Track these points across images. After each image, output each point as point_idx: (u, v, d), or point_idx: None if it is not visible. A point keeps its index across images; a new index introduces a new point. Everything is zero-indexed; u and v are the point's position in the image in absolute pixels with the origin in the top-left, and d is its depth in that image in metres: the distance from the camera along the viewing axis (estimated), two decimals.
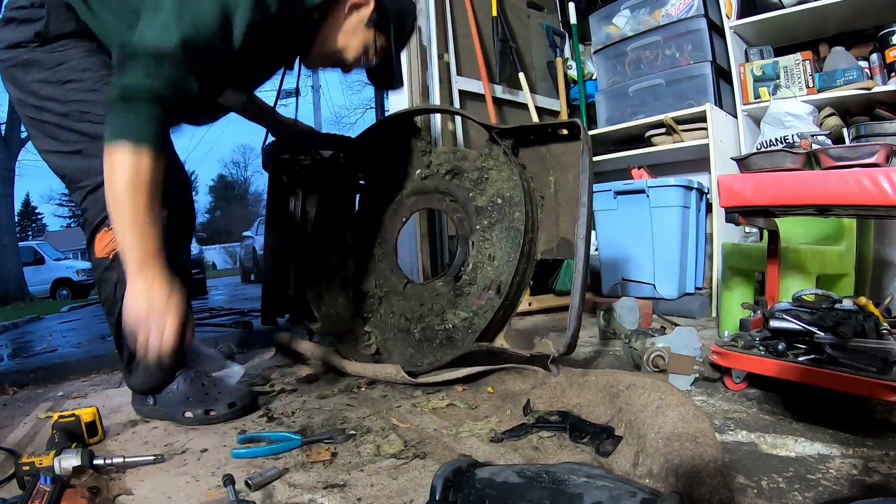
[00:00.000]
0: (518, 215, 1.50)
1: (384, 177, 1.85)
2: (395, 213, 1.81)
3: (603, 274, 2.62)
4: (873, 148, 1.05)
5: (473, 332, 1.49)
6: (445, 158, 1.73)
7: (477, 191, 1.62)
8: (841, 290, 1.66)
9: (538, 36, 3.25)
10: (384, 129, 1.77)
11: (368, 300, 1.78)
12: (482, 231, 1.58)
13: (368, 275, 1.82)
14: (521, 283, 1.51)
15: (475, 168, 1.64)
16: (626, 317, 1.89)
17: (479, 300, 1.54)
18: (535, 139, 1.52)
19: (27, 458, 0.90)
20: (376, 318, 1.75)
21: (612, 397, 1.08)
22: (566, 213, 1.49)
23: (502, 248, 1.54)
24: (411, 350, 1.63)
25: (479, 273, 1.57)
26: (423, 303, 1.64)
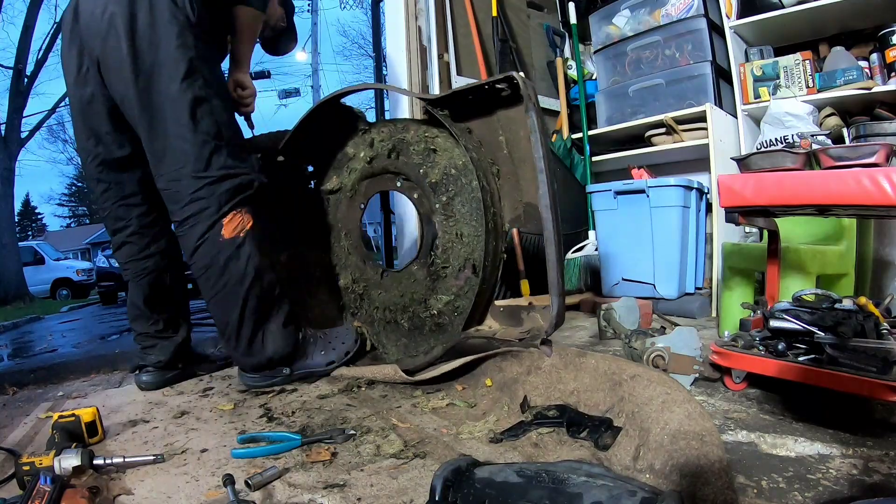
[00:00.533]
0: (476, 184, 1.43)
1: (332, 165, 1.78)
2: (352, 201, 1.74)
3: (603, 274, 2.62)
4: (873, 148, 1.04)
5: (460, 315, 1.46)
6: (387, 133, 1.64)
7: (427, 165, 1.54)
8: (841, 290, 1.66)
9: (538, 36, 3.25)
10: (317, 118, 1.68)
11: (350, 295, 1.75)
12: (443, 208, 1.50)
13: (343, 269, 1.77)
14: (495, 259, 1.47)
15: (419, 139, 1.55)
16: (626, 317, 1.89)
17: (457, 281, 1.50)
18: (480, 106, 1.45)
19: (27, 458, 0.90)
20: (363, 314, 1.72)
21: (613, 384, 1.07)
22: (525, 175, 1.43)
23: (468, 223, 1.47)
24: (404, 340, 1.61)
25: (450, 254, 1.51)
26: (403, 293, 1.59)
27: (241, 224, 1.37)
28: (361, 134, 1.69)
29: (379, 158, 1.65)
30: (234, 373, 1.74)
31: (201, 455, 1.05)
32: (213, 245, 1.37)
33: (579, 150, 3.02)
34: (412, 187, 1.58)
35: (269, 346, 1.41)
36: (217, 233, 1.37)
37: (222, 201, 1.37)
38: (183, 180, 1.36)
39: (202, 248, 1.38)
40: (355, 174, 1.71)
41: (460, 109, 1.47)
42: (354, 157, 1.71)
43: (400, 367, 1.40)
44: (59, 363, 2.03)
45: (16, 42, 10.49)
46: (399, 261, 2.85)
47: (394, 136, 1.62)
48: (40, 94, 26.53)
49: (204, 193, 1.36)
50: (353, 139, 1.71)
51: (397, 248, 2.96)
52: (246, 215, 1.39)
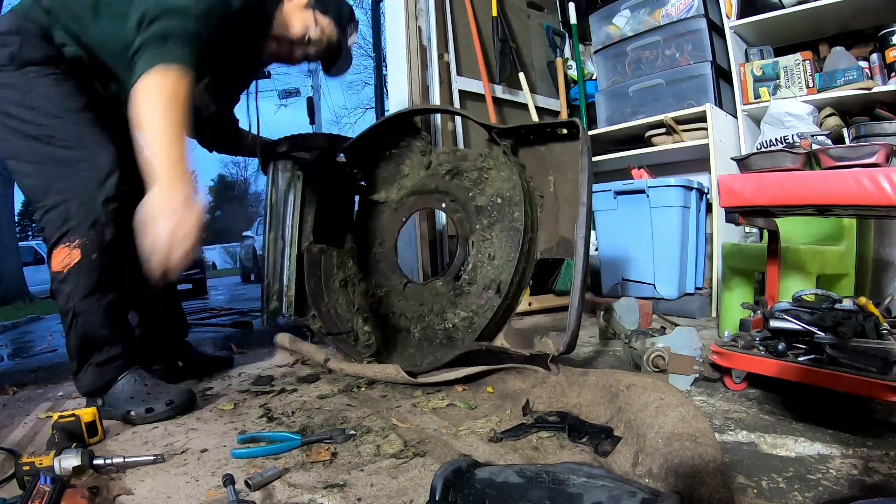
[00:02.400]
0: (518, 215, 1.50)
1: (384, 177, 1.85)
2: (395, 213, 1.81)
3: (603, 274, 2.62)
4: (873, 148, 1.04)
5: (473, 332, 1.49)
6: (445, 158, 1.73)
7: (476, 190, 1.62)
8: (841, 290, 1.66)
9: (538, 36, 3.25)
10: (383, 129, 1.77)
11: (368, 300, 1.78)
12: (482, 231, 1.58)
13: (368, 275, 1.82)
14: (521, 283, 1.51)
15: (475, 168, 1.64)
16: (626, 317, 1.89)
17: (479, 300, 1.54)
18: (534, 139, 1.52)
19: (27, 458, 0.90)
20: (376, 318, 1.75)
21: (611, 397, 1.08)
22: (565, 213, 1.49)
23: (502, 248, 1.54)
24: (411, 350, 1.63)
25: (478, 273, 1.57)
26: (423, 302, 1.64)
27: (66, 258, 1.27)
28: (421, 155, 1.77)
29: (432, 178, 1.73)
30: (234, 373, 1.75)
31: (201, 455, 1.05)
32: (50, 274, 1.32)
33: None
34: (456, 209, 1.66)
35: (82, 380, 1.35)
36: (49, 264, 1.31)
37: (52, 230, 1.28)
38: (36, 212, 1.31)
39: None
40: (405, 190, 1.79)
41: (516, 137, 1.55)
42: (409, 176, 1.79)
43: (402, 369, 1.40)
44: (59, 363, 2.03)
45: None
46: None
47: (452, 161, 1.70)
48: None
49: (43, 222, 1.29)
50: (410, 157, 1.79)
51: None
52: (73, 249, 1.26)
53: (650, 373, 1.30)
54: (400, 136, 1.78)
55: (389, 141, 1.79)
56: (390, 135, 1.78)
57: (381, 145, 1.80)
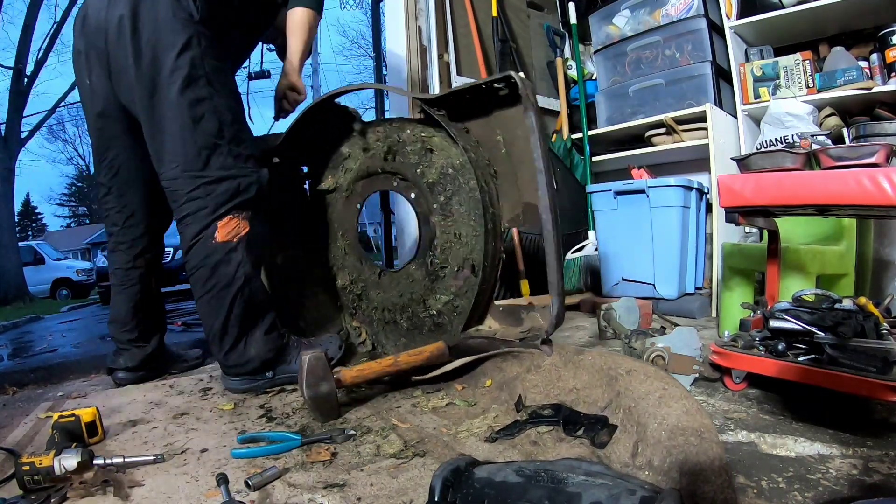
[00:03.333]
0: (473, 183, 1.42)
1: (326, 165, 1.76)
2: (348, 201, 1.73)
3: (603, 274, 2.62)
4: (873, 148, 1.04)
5: (460, 315, 1.46)
6: (382, 133, 1.63)
7: (424, 164, 1.53)
8: (841, 290, 1.66)
9: (538, 36, 3.25)
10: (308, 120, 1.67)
11: (348, 296, 1.74)
12: (440, 207, 1.50)
13: (341, 269, 1.76)
14: (495, 260, 1.46)
15: (415, 139, 1.55)
16: (626, 317, 1.88)
17: (456, 281, 1.49)
18: (478, 107, 1.43)
19: (27, 458, 0.90)
20: (360, 314, 1.72)
21: (609, 380, 1.07)
22: (523, 175, 1.42)
23: (467, 224, 1.47)
24: (404, 340, 1.61)
25: (449, 254, 1.50)
26: (402, 293, 1.59)
27: (235, 229, 1.36)
28: (356, 134, 1.67)
29: (374, 158, 1.64)
30: None
31: (201, 455, 1.05)
32: (204, 247, 1.37)
33: (579, 151, 3.02)
34: (409, 187, 1.57)
35: (252, 350, 1.40)
36: (210, 235, 1.36)
37: (218, 203, 1.36)
38: (180, 179, 1.36)
39: (195, 248, 1.38)
40: (351, 174, 1.70)
41: (458, 109, 1.47)
42: (350, 157, 1.71)
43: None
44: (59, 363, 2.03)
45: (16, 42, 10.49)
46: (399, 261, 2.86)
47: (389, 135, 1.61)
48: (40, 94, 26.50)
49: (200, 193, 1.36)
50: (348, 139, 1.70)
51: (398, 248, 2.96)
52: (242, 221, 1.38)
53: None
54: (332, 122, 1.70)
55: (323, 129, 1.71)
56: (321, 123, 1.69)
57: (315, 135, 1.71)
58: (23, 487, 0.89)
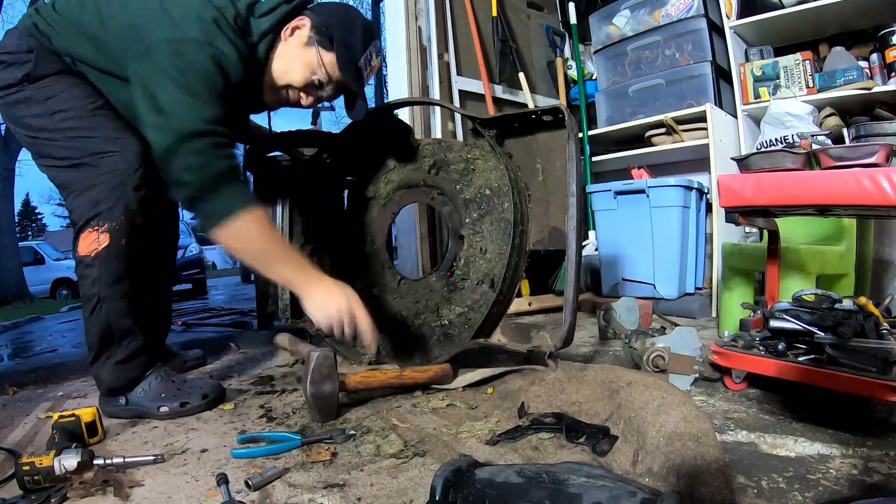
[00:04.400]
0: (507, 206, 1.48)
1: (371, 173, 1.80)
2: (384, 208, 1.76)
3: (603, 274, 2.62)
4: (873, 148, 1.05)
5: (470, 328, 1.48)
6: (430, 151, 1.69)
7: (464, 182, 1.59)
8: (841, 290, 1.66)
9: (538, 36, 3.25)
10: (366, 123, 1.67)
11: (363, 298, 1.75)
12: (472, 224, 1.55)
13: (362, 273, 1.78)
14: (515, 277, 1.49)
15: (461, 159, 1.60)
16: (626, 317, 1.89)
17: (473, 295, 1.52)
18: (520, 128, 1.49)
19: (27, 458, 0.90)
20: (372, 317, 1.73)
21: (611, 393, 1.08)
22: (556, 202, 1.47)
23: (493, 241, 1.51)
24: (410, 347, 1.62)
25: (471, 267, 1.55)
26: (418, 300, 1.62)
27: (94, 242, 1.25)
28: (405, 149, 1.73)
29: (418, 171, 1.70)
30: (234, 373, 1.75)
31: (201, 455, 1.05)
32: (75, 259, 1.30)
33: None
34: (445, 202, 1.64)
35: (103, 373, 1.32)
36: (75, 248, 1.28)
37: (80, 214, 1.27)
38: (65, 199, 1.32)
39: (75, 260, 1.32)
40: (392, 185, 1.75)
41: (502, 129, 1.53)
42: (394, 169, 1.76)
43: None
44: (59, 363, 2.03)
45: None
46: (399, 264, 2.86)
47: (436, 153, 1.67)
48: None
49: (72, 206, 1.29)
50: (396, 151, 1.76)
51: (397, 250, 2.96)
52: (103, 233, 1.25)
53: (650, 373, 1.30)
54: (383, 130, 1.73)
55: (373, 136, 1.74)
56: (373, 130, 1.72)
57: (365, 141, 1.74)
58: (23, 487, 0.89)
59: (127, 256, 1.28)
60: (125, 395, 1.32)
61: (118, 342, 1.31)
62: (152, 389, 1.32)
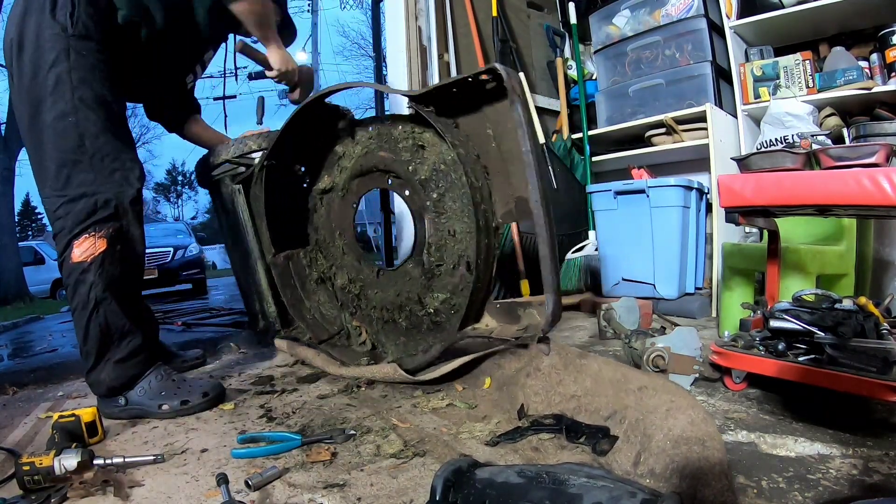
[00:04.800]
0: (465, 180, 1.41)
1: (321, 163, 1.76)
2: (344, 199, 1.72)
3: (603, 274, 2.62)
4: (873, 148, 1.05)
5: (457, 313, 1.45)
6: (374, 131, 1.63)
7: (416, 161, 1.51)
8: (841, 290, 1.66)
9: (538, 36, 3.25)
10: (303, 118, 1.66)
11: (347, 295, 1.74)
12: (434, 205, 1.48)
13: (339, 269, 1.76)
14: (489, 257, 1.44)
15: (407, 135, 1.54)
16: (626, 317, 1.89)
17: (452, 279, 1.48)
18: (468, 103, 1.42)
19: (27, 458, 0.90)
20: (360, 314, 1.72)
21: (617, 392, 1.06)
22: (516, 170, 1.40)
23: (461, 220, 1.45)
24: (403, 338, 1.61)
25: (444, 251, 1.49)
26: (400, 292, 1.58)
27: (90, 248, 1.29)
28: (348, 132, 1.67)
29: (368, 156, 1.63)
30: (234, 373, 1.75)
31: (201, 455, 1.05)
32: (66, 267, 1.32)
33: (579, 151, 3.02)
34: (402, 184, 1.56)
35: (103, 374, 1.34)
36: (68, 255, 1.31)
37: (76, 221, 1.30)
38: (48, 199, 1.32)
39: (62, 268, 1.34)
40: (346, 173, 1.70)
41: (448, 106, 1.45)
42: (344, 156, 1.70)
43: (399, 367, 1.40)
44: (59, 363, 2.03)
45: None
46: (399, 260, 2.86)
47: (381, 133, 1.61)
48: None
49: (62, 212, 1.30)
50: (342, 138, 1.70)
51: (398, 248, 2.96)
52: (99, 239, 1.30)
53: (657, 374, 1.30)
54: (326, 120, 1.69)
55: (318, 128, 1.70)
56: (315, 122, 1.68)
57: (310, 135, 1.71)
58: (23, 487, 0.89)
59: (122, 261, 1.33)
60: (124, 394, 1.33)
61: (118, 343, 1.33)
62: (152, 388, 1.34)
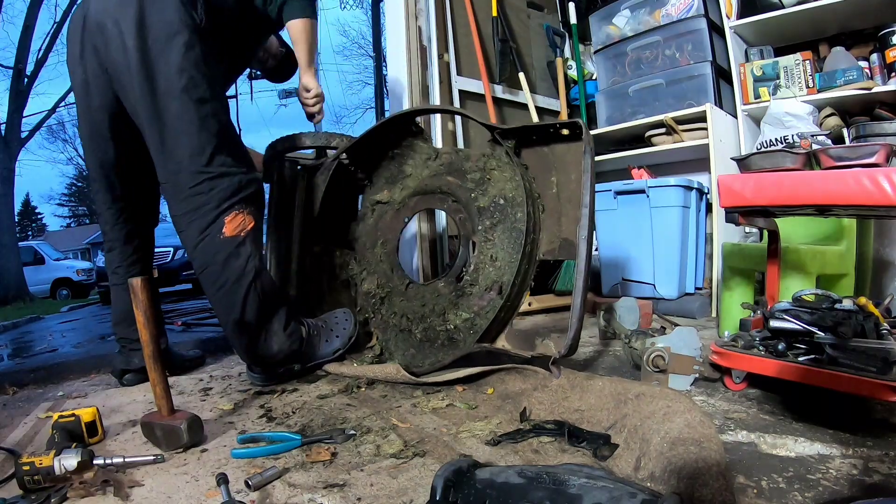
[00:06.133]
0: (520, 216, 1.50)
1: (386, 177, 1.85)
2: (398, 213, 1.80)
3: (603, 274, 2.62)
4: (873, 148, 1.04)
5: (475, 333, 1.49)
6: (448, 159, 1.73)
7: (479, 191, 1.62)
8: (841, 290, 1.66)
9: (538, 36, 3.25)
10: (385, 129, 1.77)
11: (370, 300, 1.78)
12: (484, 232, 1.57)
13: (370, 274, 1.81)
14: (523, 284, 1.50)
15: (477, 168, 1.63)
16: (626, 317, 1.89)
17: (480, 301, 1.54)
18: (537, 139, 1.52)
19: (27, 458, 0.90)
20: (377, 319, 1.74)
21: (617, 403, 1.07)
22: (568, 214, 1.49)
23: (504, 249, 1.53)
24: (413, 350, 1.63)
25: (480, 274, 1.56)
26: (425, 303, 1.64)
27: (242, 223, 1.39)
28: (424, 155, 1.77)
29: (435, 178, 1.72)
30: (233, 373, 1.75)
31: (201, 455, 1.05)
32: (213, 243, 1.38)
33: None
34: (458, 209, 1.65)
35: (275, 345, 1.43)
36: (218, 230, 1.37)
37: (223, 197, 1.38)
38: (183, 173, 1.37)
39: (202, 245, 1.38)
40: (408, 191, 1.78)
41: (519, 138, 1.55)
42: (412, 176, 1.79)
43: (403, 368, 1.40)
44: (59, 363, 2.03)
45: (16, 42, 10.46)
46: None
47: (455, 162, 1.70)
48: (40, 94, 26.49)
49: (203, 188, 1.37)
50: (413, 157, 1.79)
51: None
52: (248, 216, 1.41)
53: (651, 373, 1.30)
54: (402, 136, 1.78)
55: (392, 141, 1.79)
56: (392, 135, 1.78)
57: (383, 145, 1.80)
58: (23, 487, 0.89)
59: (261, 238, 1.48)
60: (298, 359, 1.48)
61: (277, 309, 1.46)
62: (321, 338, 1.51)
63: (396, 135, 1.78)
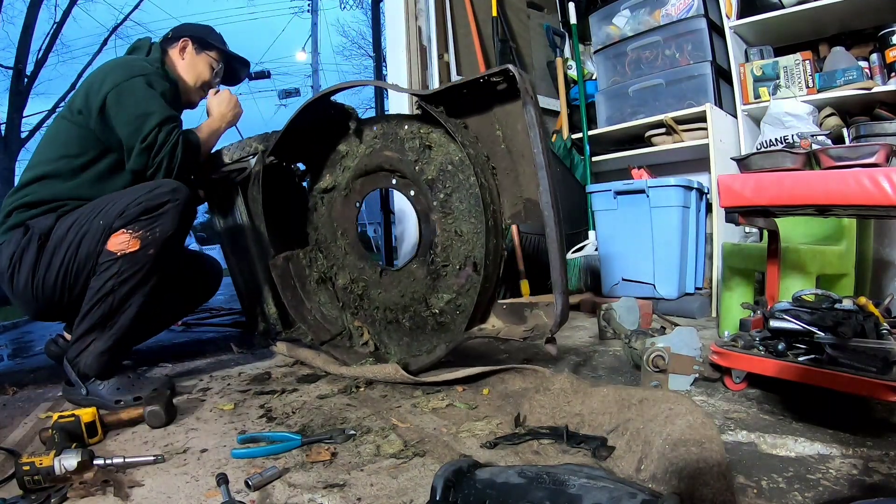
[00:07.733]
0: (474, 181, 1.40)
1: (324, 164, 1.75)
2: (347, 199, 1.70)
3: (603, 274, 2.62)
4: (873, 148, 1.05)
5: (463, 313, 1.45)
6: (379, 130, 1.61)
7: (423, 162, 1.49)
8: (841, 290, 1.66)
9: (538, 36, 3.25)
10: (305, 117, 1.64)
11: (349, 295, 1.73)
12: (440, 206, 1.47)
13: (341, 269, 1.74)
14: (496, 257, 1.44)
15: (414, 135, 1.52)
16: (626, 317, 1.89)
17: (458, 279, 1.47)
18: (478, 103, 1.41)
19: (27, 458, 0.90)
20: (363, 313, 1.71)
21: (620, 408, 1.06)
22: (525, 172, 1.39)
23: (468, 221, 1.44)
24: (406, 339, 1.60)
25: (450, 252, 1.48)
26: (404, 292, 1.57)
27: (124, 244, 1.40)
28: (353, 132, 1.64)
29: (373, 155, 1.61)
30: (233, 373, 1.75)
31: (201, 455, 1.05)
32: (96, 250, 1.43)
33: (579, 151, 3.02)
34: (408, 184, 1.55)
35: (81, 358, 1.41)
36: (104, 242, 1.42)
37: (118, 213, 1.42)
38: None
39: None
40: (349, 172, 1.68)
41: (456, 105, 1.44)
42: (347, 155, 1.68)
43: (402, 368, 1.40)
44: None
45: (16, 42, 10.46)
46: (399, 260, 2.85)
47: (387, 132, 1.59)
48: (40, 94, 26.42)
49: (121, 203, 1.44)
50: (345, 137, 1.68)
51: (398, 248, 2.96)
52: (133, 239, 1.40)
53: (651, 373, 1.30)
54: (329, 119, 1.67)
55: (320, 128, 1.68)
56: (318, 121, 1.66)
57: (313, 133, 1.69)
58: (23, 487, 0.89)
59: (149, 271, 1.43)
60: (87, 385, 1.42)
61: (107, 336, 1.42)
62: (111, 383, 1.43)
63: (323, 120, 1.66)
